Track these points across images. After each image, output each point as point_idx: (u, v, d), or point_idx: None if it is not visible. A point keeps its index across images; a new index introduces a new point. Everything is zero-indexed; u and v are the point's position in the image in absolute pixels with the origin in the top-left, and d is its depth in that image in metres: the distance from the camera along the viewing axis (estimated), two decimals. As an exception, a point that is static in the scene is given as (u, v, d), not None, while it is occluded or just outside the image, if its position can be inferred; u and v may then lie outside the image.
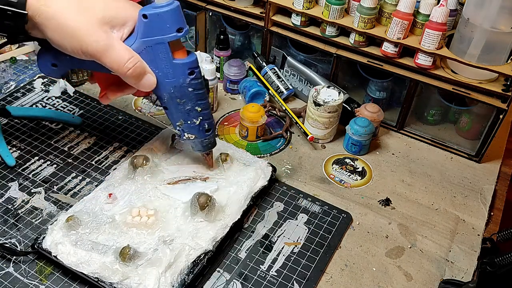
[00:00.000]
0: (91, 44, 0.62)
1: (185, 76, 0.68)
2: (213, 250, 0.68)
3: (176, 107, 0.71)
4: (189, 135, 0.74)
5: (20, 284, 0.66)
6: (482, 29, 0.81)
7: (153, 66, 0.67)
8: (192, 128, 0.73)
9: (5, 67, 1.05)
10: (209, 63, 0.96)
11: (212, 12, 1.04)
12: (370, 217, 0.80)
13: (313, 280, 0.69)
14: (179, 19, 0.65)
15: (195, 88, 0.69)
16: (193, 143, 0.76)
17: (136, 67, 0.64)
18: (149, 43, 0.65)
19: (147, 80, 0.67)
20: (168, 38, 0.65)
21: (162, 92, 0.69)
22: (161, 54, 0.66)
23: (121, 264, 0.64)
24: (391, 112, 0.99)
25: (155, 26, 0.64)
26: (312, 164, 0.89)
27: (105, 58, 0.63)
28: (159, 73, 0.67)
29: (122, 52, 0.64)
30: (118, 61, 0.63)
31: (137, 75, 0.65)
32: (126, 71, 0.64)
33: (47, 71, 0.69)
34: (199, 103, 0.71)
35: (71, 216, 0.68)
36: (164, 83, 0.68)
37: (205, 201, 0.70)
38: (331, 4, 0.89)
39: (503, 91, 0.83)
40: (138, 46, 0.65)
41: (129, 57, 0.64)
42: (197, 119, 0.72)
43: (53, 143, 0.88)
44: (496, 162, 0.93)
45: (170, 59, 0.66)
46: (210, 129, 0.75)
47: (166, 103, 0.71)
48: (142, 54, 0.65)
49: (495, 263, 0.71)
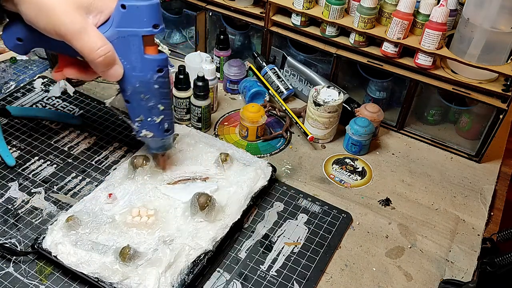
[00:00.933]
0: (65, 24, 0.61)
1: (153, 72, 0.68)
2: (213, 250, 0.68)
3: (138, 102, 0.70)
4: (147, 132, 0.72)
5: (20, 284, 0.66)
6: (482, 29, 0.81)
7: (122, 57, 0.67)
8: (152, 125, 0.72)
9: (5, 67, 1.05)
10: (209, 63, 0.96)
11: (212, 12, 1.04)
12: (370, 217, 0.80)
13: (313, 280, 0.69)
14: (156, 15, 0.65)
15: (161, 86, 0.69)
16: (150, 141, 0.75)
17: (107, 56, 0.64)
18: (123, 34, 0.65)
19: (115, 70, 0.66)
20: (143, 32, 0.65)
21: (127, 85, 0.69)
22: (133, 47, 0.66)
23: (121, 264, 0.64)
24: (391, 112, 0.99)
25: (132, 17, 0.64)
26: (312, 164, 0.89)
27: (77, 41, 0.62)
28: (128, 65, 0.67)
29: (95, 38, 0.63)
30: (90, 46, 0.63)
31: (106, 64, 0.65)
32: (96, 58, 0.63)
33: (11, 45, 0.68)
34: (162, 101, 0.71)
35: (71, 216, 0.68)
36: (131, 76, 0.68)
37: (205, 201, 0.70)
38: (331, 4, 0.89)
39: (503, 91, 0.83)
40: (111, 34, 0.65)
41: (101, 44, 0.63)
42: (158, 117, 0.71)
43: (53, 143, 0.88)
44: (496, 162, 0.93)
45: (141, 53, 0.66)
46: (169, 130, 0.74)
47: (129, 97, 0.70)
48: (113, 43, 0.65)
49: (495, 263, 0.71)
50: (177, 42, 1.14)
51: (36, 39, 0.67)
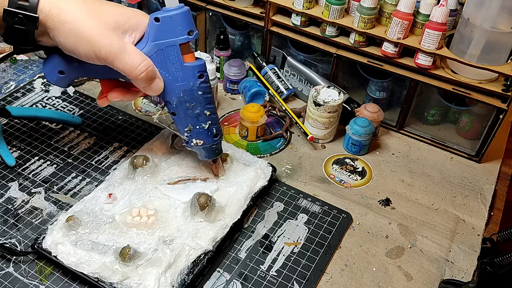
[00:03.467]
0: (104, 46, 0.62)
1: (195, 79, 0.68)
2: (213, 250, 0.68)
3: (185, 112, 0.71)
4: (197, 140, 0.73)
5: (20, 284, 0.66)
6: (482, 29, 0.81)
7: (163, 70, 0.67)
8: (201, 133, 0.73)
9: (5, 67, 1.05)
10: (209, 63, 0.96)
11: (212, 12, 1.04)
12: (370, 217, 0.80)
13: (313, 280, 0.69)
14: (189, 22, 0.66)
15: (204, 91, 0.70)
16: (201, 149, 0.75)
17: (148, 71, 0.65)
18: (160, 46, 0.66)
19: (156, 84, 0.67)
20: (179, 41, 0.66)
21: (171, 96, 0.69)
22: (172, 57, 0.67)
23: (121, 264, 0.64)
24: (391, 112, 0.99)
25: (167, 28, 0.65)
26: (312, 164, 0.89)
27: (118, 62, 0.63)
28: (169, 76, 0.68)
29: (135, 55, 0.64)
30: (131, 64, 0.64)
31: (148, 79, 0.66)
32: (138, 75, 0.64)
33: (54, 79, 0.69)
34: (208, 107, 0.71)
35: (71, 216, 0.68)
36: (174, 87, 0.68)
37: (205, 201, 0.70)
38: (331, 4, 0.89)
39: (503, 91, 0.83)
40: (149, 49, 0.66)
41: (141, 60, 0.64)
42: (205, 124, 0.72)
43: (53, 143, 0.88)
44: (496, 162, 0.93)
45: (181, 62, 0.67)
46: (218, 134, 0.75)
47: (175, 108, 0.71)
48: (152, 57, 0.66)
49: (495, 263, 0.71)
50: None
51: (77, 68, 0.68)
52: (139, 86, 0.67)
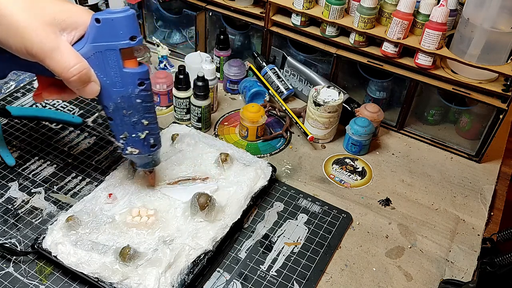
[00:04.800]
0: (36, 44, 0.58)
1: (134, 86, 0.65)
2: (213, 250, 0.68)
3: (121, 119, 0.67)
4: (132, 149, 0.69)
5: (20, 284, 0.66)
6: (482, 29, 0.81)
7: (101, 73, 0.64)
8: (136, 142, 0.69)
9: (5, 67, 1.05)
10: (209, 63, 0.96)
11: (212, 12, 1.04)
12: (370, 217, 0.80)
13: (313, 280, 0.69)
14: (133, 27, 0.63)
15: (144, 100, 0.66)
16: (136, 158, 0.71)
17: (82, 74, 0.61)
18: (99, 49, 0.62)
19: (90, 88, 0.63)
20: (120, 45, 0.62)
21: (108, 101, 0.66)
22: (111, 61, 0.63)
23: (121, 264, 0.64)
24: (391, 112, 0.99)
25: (108, 31, 0.62)
26: (312, 164, 0.89)
27: (50, 61, 0.60)
28: (107, 81, 0.64)
29: (68, 56, 0.60)
30: (63, 65, 0.60)
31: (81, 82, 0.62)
32: (70, 77, 0.61)
33: None
34: (146, 116, 0.67)
35: (71, 216, 0.69)
36: (112, 92, 0.65)
37: (205, 201, 0.70)
38: (331, 4, 0.89)
39: (503, 91, 0.83)
40: (87, 50, 0.62)
41: (75, 62, 0.60)
42: (142, 133, 0.68)
43: (53, 143, 0.88)
44: (496, 162, 0.93)
45: (120, 67, 0.63)
46: (156, 145, 0.71)
47: (112, 114, 0.67)
48: (90, 59, 0.63)
49: (495, 263, 0.71)
50: (177, 42, 1.14)
51: (10, 61, 0.65)
52: (72, 87, 0.63)
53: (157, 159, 0.74)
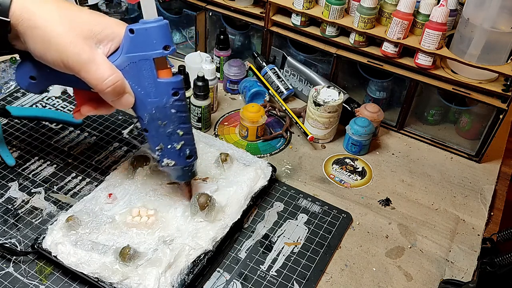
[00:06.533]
0: (72, 56, 0.59)
1: (169, 96, 0.65)
2: (213, 250, 0.68)
3: (156, 130, 0.66)
4: (168, 161, 0.68)
5: (20, 284, 0.66)
6: (482, 29, 0.81)
7: (135, 84, 0.64)
8: (172, 153, 0.68)
9: (5, 67, 1.05)
10: (209, 63, 0.96)
11: (212, 12, 1.04)
12: (370, 217, 0.80)
13: (313, 280, 0.69)
14: (166, 36, 0.63)
15: (178, 110, 0.66)
16: (172, 170, 0.71)
17: (116, 86, 0.61)
18: (133, 59, 0.63)
19: (125, 99, 0.64)
20: (153, 55, 0.62)
21: (143, 112, 0.66)
22: (145, 71, 0.63)
23: (121, 264, 0.64)
24: (391, 112, 0.99)
25: (142, 41, 0.62)
26: (312, 164, 0.89)
27: (85, 73, 0.60)
28: (142, 91, 0.64)
29: (103, 68, 0.61)
30: (97, 77, 0.60)
31: (116, 93, 0.62)
32: (105, 88, 0.61)
33: (25, 84, 0.66)
34: (181, 127, 0.67)
35: (71, 216, 0.68)
36: (146, 103, 0.65)
37: (205, 201, 0.70)
38: (331, 4, 0.89)
39: (503, 91, 0.83)
40: (122, 62, 0.63)
41: (109, 74, 0.61)
42: (178, 144, 0.67)
43: (53, 143, 0.88)
44: (496, 162, 0.93)
45: (154, 77, 0.63)
46: (192, 156, 0.70)
47: (147, 125, 0.67)
48: (125, 70, 0.63)
49: (495, 263, 0.71)
50: (177, 42, 1.14)
51: (48, 76, 0.65)
52: (106, 99, 0.63)
53: (194, 171, 0.73)
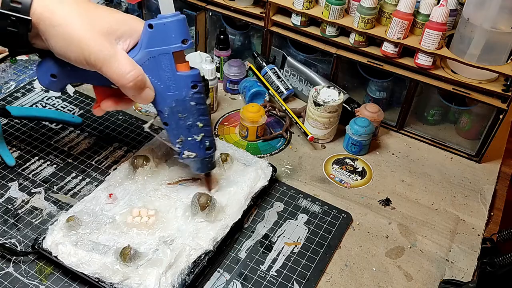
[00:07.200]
0: (94, 52, 0.61)
1: (188, 89, 0.67)
2: (214, 250, 0.69)
3: (177, 123, 0.69)
4: (189, 152, 0.71)
5: (20, 284, 0.66)
6: (482, 29, 0.81)
7: (155, 78, 0.66)
8: (193, 145, 0.70)
9: (5, 67, 1.05)
10: (209, 63, 0.96)
11: (212, 12, 1.04)
12: (370, 217, 0.80)
13: (313, 280, 0.69)
14: (184, 30, 0.65)
15: (198, 102, 0.68)
16: (193, 162, 0.73)
17: (137, 80, 0.63)
18: (153, 54, 0.65)
19: (146, 94, 0.66)
20: (172, 49, 0.64)
21: (163, 106, 0.68)
22: (164, 65, 0.65)
23: (121, 265, 0.64)
24: (391, 112, 0.99)
25: (160, 36, 0.64)
26: (312, 164, 0.89)
27: (107, 68, 0.62)
28: (161, 85, 0.66)
29: (124, 63, 0.63)
30: (119, 72, 0.62)
31: (137, 88, 0.64)
32: (127, 83, 0.63)
33: (47, 83, 0.68)
34: (201, 119, 0.69)
35: (72, 216, 0.68)
36: (166, 96, 0.67)
37: (205, 201, 0.70)
38: (331, 4, 0.89)
39: (503, 91, 0.83)
40: (141, 56, 0.65)
41: (131, 69, 0.63)
42: (198, 135, 0.70)
43: (53, 143, 0.88)
44: (496, 162, 0.93)
45: (174, 71, 0.65)
46: (211, 148, 0.72)
47: (167, 118, 0.69)
48: (145, 65, 0.65)
49: (495, 263, 0.71)
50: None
51: (69, 73, 0.67)
52: (128, 94, 0.65)
53: (213, 162, 0.74)
